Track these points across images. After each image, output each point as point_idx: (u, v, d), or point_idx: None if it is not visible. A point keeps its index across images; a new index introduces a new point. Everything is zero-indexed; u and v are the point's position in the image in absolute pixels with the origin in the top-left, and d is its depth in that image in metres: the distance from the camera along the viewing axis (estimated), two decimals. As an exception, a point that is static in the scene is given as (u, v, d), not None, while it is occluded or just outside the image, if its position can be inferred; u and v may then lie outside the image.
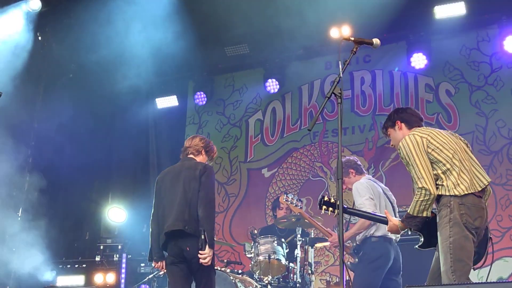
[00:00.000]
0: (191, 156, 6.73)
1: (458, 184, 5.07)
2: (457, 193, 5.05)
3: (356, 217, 6.89)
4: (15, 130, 10.11)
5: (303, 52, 11.34)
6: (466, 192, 5.05)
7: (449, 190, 5.07)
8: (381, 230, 6.80)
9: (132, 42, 10.20)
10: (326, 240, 8.45)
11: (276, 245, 7.91)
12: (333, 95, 4.70)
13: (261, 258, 7.82)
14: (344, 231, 7.18)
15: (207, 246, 6.11)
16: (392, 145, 5.69)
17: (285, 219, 8.23)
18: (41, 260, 10.01)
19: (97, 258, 10.43)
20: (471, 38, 10.46)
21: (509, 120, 9.92)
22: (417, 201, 5.08)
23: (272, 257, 7.77)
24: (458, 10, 9.94)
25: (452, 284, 4.72)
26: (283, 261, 7.86)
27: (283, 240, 8.06)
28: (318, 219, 7.76)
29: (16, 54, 9.90)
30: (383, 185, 7.19)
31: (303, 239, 7.95)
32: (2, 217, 10.14)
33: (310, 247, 8.06)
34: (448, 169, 5.12)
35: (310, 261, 8.05)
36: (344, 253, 7.18)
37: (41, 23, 10.45)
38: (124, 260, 10.41)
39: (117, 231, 11.28)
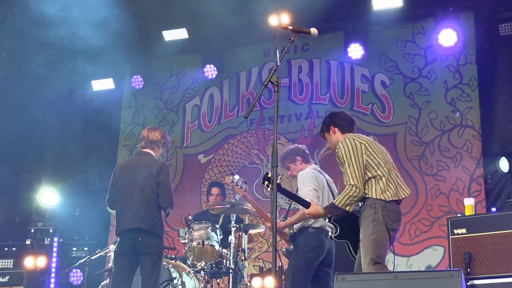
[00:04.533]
0: (148, 150, 6.97)
1: (386, 191, 5.59)
2: (383, 198, 5.56)
3: (299, 206, 6.94)
4: None
5: (241, 38, 11.32)
6: (391, 199, 5.58)
7: (376, 194, 5.56)
8: (319, 221, 6.84)
9: (69, 23, 10.02)
10: (259, 227, 8.52)
11: (210, 231, 7.92)
12: (270, 83, 4.72)
13: (194, 243, 7.81)
14: (284, 218, 7.27)
15: None
16: (329, 147, 6.28)
17: (220, 205, 8.25)
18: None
19: (28, 242, 10.27)
20: (407, 31, 10.62)
21: (441, 112, 10.13)
22: (346, 195, 5.55)
23: (206, 243, 7.78)
24: (395, 2, 10.06)
25: (381, 272, 4.81)
26: (217, 247, 7.87)
27: (217, 226, 8.08)
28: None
29: None
30: (328, 177, 7.17)
31: (237, 225, 7.98)
32: None
33: (244, 233, 8.09)
34: (379, 175, 5.61)
35: (243, 247, 8.09)
36: (281, 239, 7.28)
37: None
38: (55, 244, 10.27)
39: (49, 214, 11.08)
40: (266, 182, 6.28)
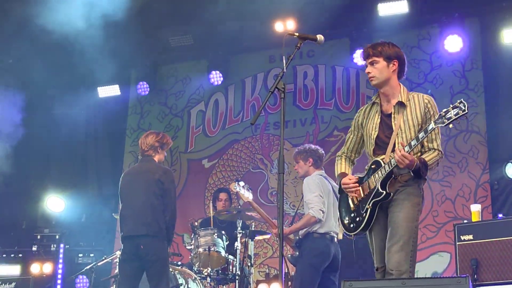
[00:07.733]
0: (149, 156, 6.85)
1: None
2: (424, 181, 5.10)
3: (304, 210, 6.95)
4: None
5: (247, 45, 11.36)
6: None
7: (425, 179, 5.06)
8: (325, 227, 6.85)
9: (74, 29, 10.03)
10: (265, 233, 8.52)
11: (216, 237, 7.92)
12: (276, 89, 4.71)
13: (201, 250, 7.81)
14: (290, 224, 7.28)
15: None
16: (371, 77, 5.47)
17: (226, 211, 8.25)
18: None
19: (34, 248, 10.27)
20: (412, 36, 10.62)
21: (447, 117, 10.11)
22: (436, 160, 5.03)
23: (212, 249, 7.79)
24: (401, 8, 10.07)
25: (388, 279, 4.79)
26: (223, 253, 7.88)
27: (223, 232, 8.07)
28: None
29: None
30: (334, 183, 7.14)
31: (243, 232, 7.98)
32: None
33: (250, 239, 8.09)
34: None
35: (250, 253, 8.09)
36: (286, 245, 7.28)
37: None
38: (61, 250, 10.28)
39: (55, 220, 11.12)
40: None
